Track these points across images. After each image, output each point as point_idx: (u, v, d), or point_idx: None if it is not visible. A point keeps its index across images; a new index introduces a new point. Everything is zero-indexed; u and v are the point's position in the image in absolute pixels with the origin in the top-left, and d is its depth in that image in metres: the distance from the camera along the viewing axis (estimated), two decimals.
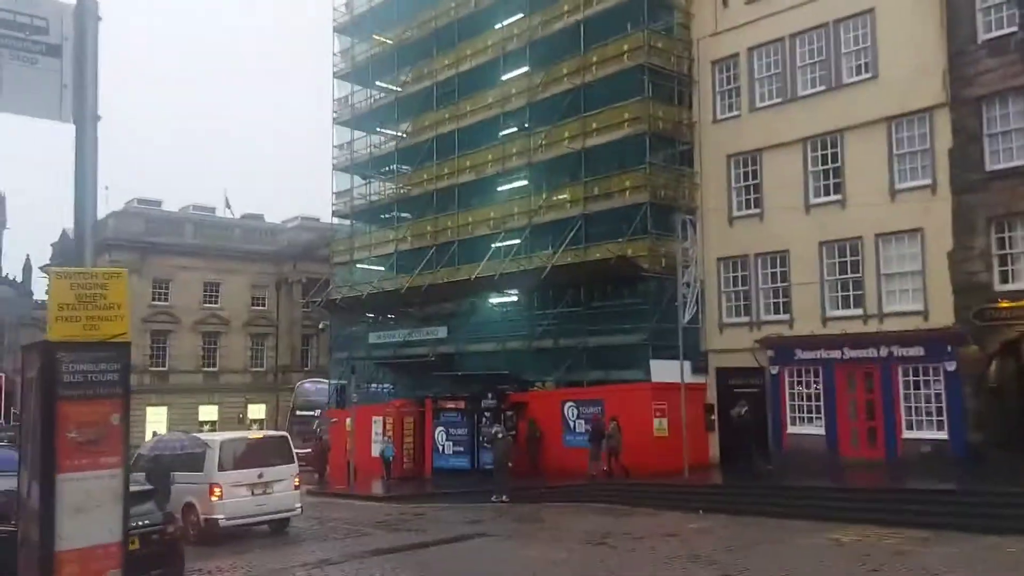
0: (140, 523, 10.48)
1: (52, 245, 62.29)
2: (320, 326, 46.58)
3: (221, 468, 16.18)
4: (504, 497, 21.17)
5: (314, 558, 14.12)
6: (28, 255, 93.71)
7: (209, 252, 54.57)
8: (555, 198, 28.60)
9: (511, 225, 29.67)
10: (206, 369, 55.17)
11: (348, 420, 26.44)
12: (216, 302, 55.63)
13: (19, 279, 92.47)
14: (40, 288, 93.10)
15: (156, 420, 52.26)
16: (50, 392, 5.62)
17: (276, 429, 49.54)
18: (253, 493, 16.39)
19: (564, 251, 26.90)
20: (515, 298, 30.34)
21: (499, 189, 31.14)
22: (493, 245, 29.80)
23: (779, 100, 24.46)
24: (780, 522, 15.97)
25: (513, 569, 13.11)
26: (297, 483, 17.40)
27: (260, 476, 16.63)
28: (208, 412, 54.25)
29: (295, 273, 57.49)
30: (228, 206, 62.99)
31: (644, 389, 23.87)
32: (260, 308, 57.59)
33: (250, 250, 56.77)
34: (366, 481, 27.42)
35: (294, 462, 17.56)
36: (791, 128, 23.83)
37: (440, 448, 27.38)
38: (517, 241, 29.42)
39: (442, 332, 31.43)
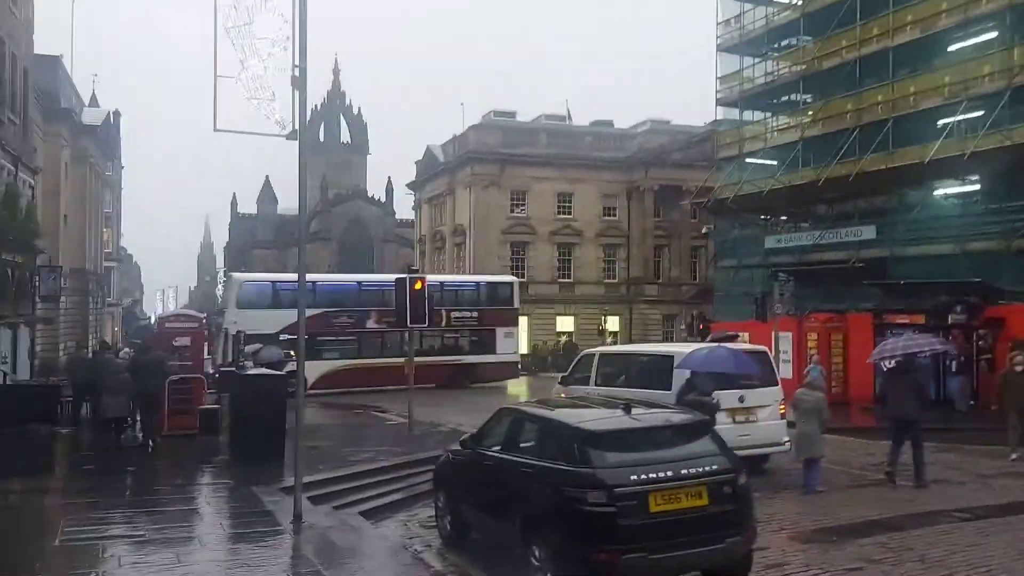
0: (703, 468, 7.21)
1: (416, 163, 65.08)
2: (703, 230, 42.84)
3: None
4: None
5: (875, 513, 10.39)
6: (389, 177, 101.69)
7: (561, 161, 53.14)
8: None
9: (976, 91, 22.98)
10: (561, 280, 54.47)
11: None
12: (569, 212, 54.35)
13: (382, 199, 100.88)
14: (401, 207, 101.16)
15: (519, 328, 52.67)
16: None
17: (630, 342, 47.43)
18: (735, 421, 12.98)
19: None
20: (977, 186, 23.78)
21: (953, 48, 24.37)
22: (940, 121, 23.45)
23: None
24: None
25: None
26: (782, 410, 13.70)
27: (741, 400, 13.15)
28: (564, 323, 53.73)
29: (646, 181, 54.20)
30: (569, 117, 61.31)
31: None
32: (611, 218, 55.39)
33: (600, 158, 54.47)
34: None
35: (778, 383, 13.87)
36: None
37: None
38: (979, 113, 22.79)
39: (868, 232, 25.92)
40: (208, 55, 8.29)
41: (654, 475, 7.00)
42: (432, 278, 48.26)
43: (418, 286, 18.81)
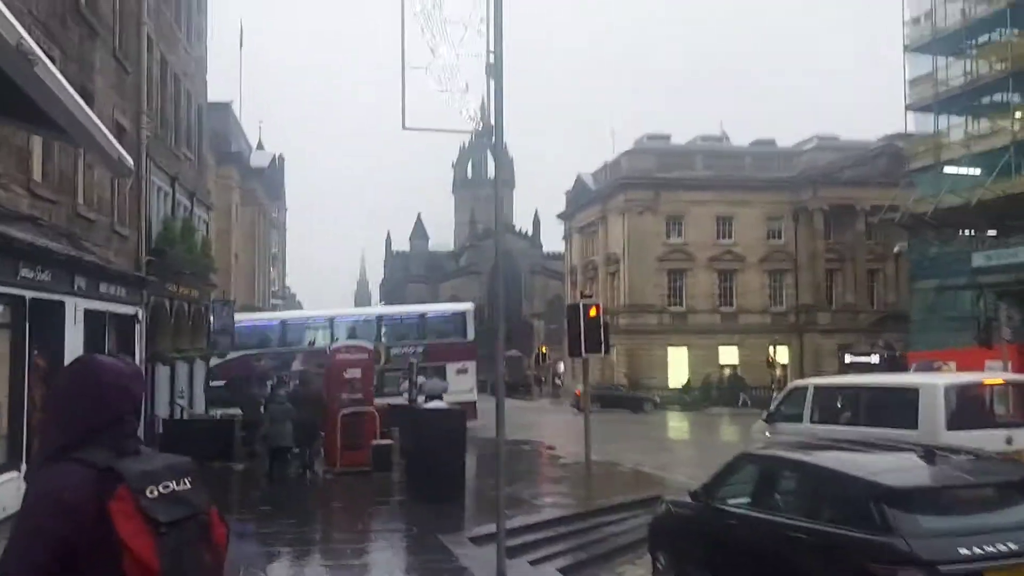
0: None
1: (566, 193, 64.25)
2: (896, 249, 39.26)
3: (950, 425, 10.64)
4: None
5: None
6: (536, 209, 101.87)
7: (720, 184, 50.75)
8: None
9: None
10: (723, 309, 51.68)
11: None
12: (730, 236, 51.71)
13: (529, 232, 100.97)
14: (548, 239, 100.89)
15: (677, 361, 50.37)
16: None
17: (802, 376, 43.85)
18: None
19: None
20: None
21: None
22: None
23: None
24: None
25: None
26: None
27: (1009, 441, 10.76)
28: (728, 354, 50.78)
29: (814, 200, 50.71)
30: (725, 138, 58.64)
31: None
32: (776, 241, 52.22)
33: (763, 179, 51.60)
34: None
35: None
36: None
37: None
38: None
39: None
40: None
41: (992, 548, 5.15)
42: (367, 311, 46.36)
43: (593, 313, 17.47)
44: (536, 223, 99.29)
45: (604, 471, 17.07)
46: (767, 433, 14.24)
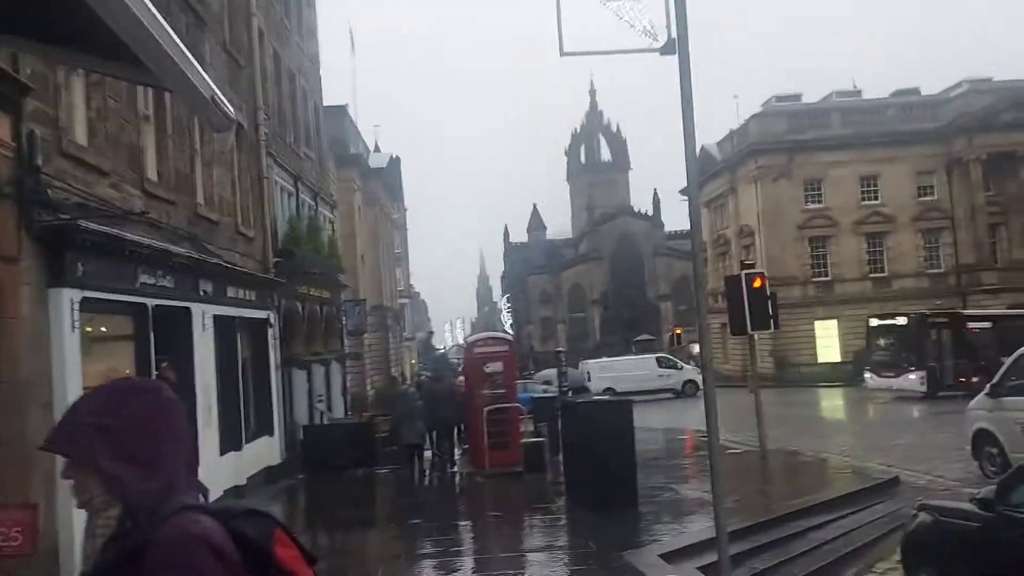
0: None
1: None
2: None
3: None
4: None
5: None
6: (655, 189, 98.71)
7: (861, 141, 46.72)
8: None
9: None
10: (873, 275, 47.73)
11: None
12: (876, 197, 47.67)
13: (649, 212, 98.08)
14: (671, 218, 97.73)
15: (826, 335, 46.94)
16: None
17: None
18: None
19: None
20: None
21: None
22: None
23: None
24: None
25: None
26: None
27: None
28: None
29: (970, 150, 45.94)
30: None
31: None
32: (929, 198, 47.75)
33: (909, 131, 47.12)
34: None
35: None
36: None
37: None
38: None
39: None
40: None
41: None
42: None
43: (757, 284, 15.49)
44: (656, 202, 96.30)
45: (783, 462, 15.11)
46: (991, 410, 11.96)
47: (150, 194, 10.22)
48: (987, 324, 32.37)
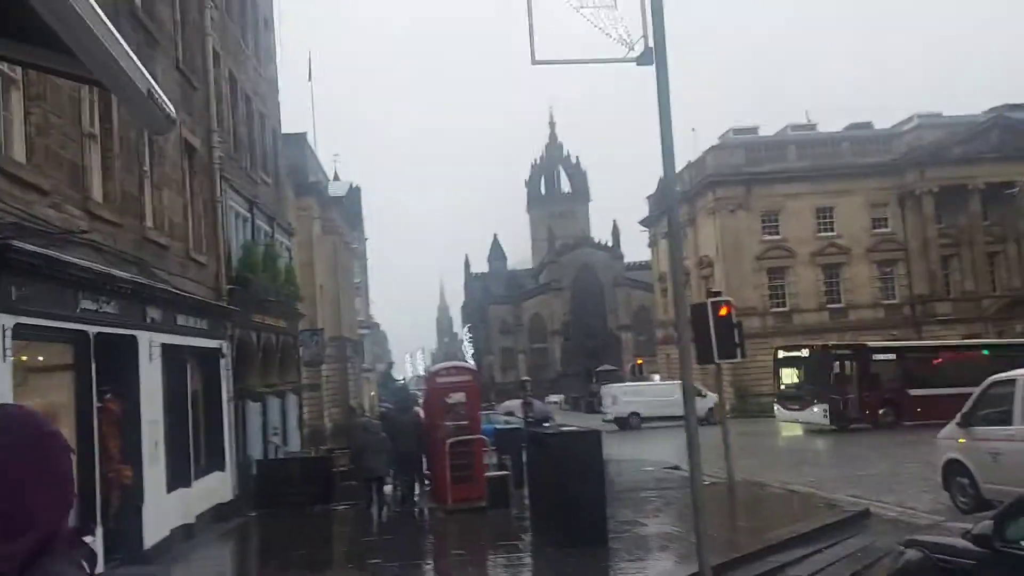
0: None
1: (648, 198, 61.87)
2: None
3: None
4: None
5: None
6: (615, 220, 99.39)
7: (817, 174, 47.58)
8: None
9: None
10: (830, 306, 48.31)
11: None
12: (831, 229, 48.43)
13: (609, 243, 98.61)
14: (631, 249, 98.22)
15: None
16: None
17: None
18: None
19: None
20: None
21: None
22: None
23: None
24: None
25: None
26: None
27: None
28: None
29: (922, 183, 46.99)
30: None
31: None
32: (883, 230, 48.63)
33: (863, 164, 48.15)
34: None
35: None
36: None
37: None
38: None
39: None
40: None
41: None
42: None
43: (724, 312, 15.30)
44: (615, 233, 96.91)
45: (751, 494, 14.83)
46: (961, 440, 11.83)
47: (94, 215, 9.65)
48: (892, 356, 32.59)
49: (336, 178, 59.66)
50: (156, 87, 3.66)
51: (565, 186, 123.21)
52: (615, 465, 19.26)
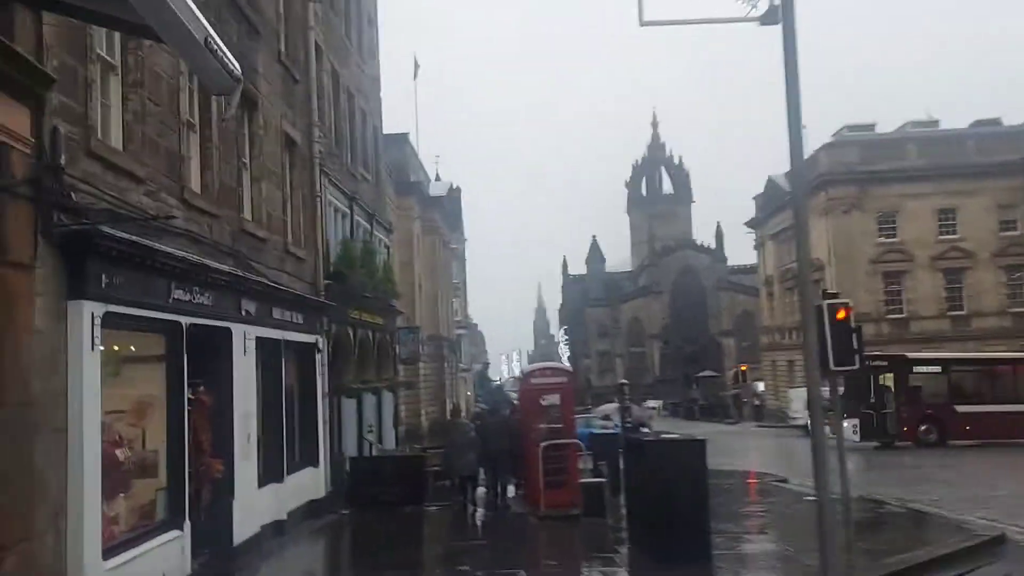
0: None
1: (755, 198, 59.74)
2: None
3: None
4: None
5: None
6: (718, 222, 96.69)
7: (939, 173, 44.73)
8: None
9: None
10: (952, 313, 45.35)
11: None
12: (954, 232, 45.44)
13: (712, 246, 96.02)
14: (734, 252, 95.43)
15: None
16: None
17: None
18: None
19: None
20: None
21: None
22: None
23: None
24: None
25: None
26: None
27: None
28: None
29: None
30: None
31: None
32: (1012, 233, 45.29)
33: (990, 163, 44.92)
34: None
35: None
36: None
37: None
38: None
39: None
40: None
41: None
42: None
43: (841, 315, 14.18)
44: (719, 235, 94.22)
45: (867, 512, 13.67)
46: None
47: (191, 205, 9.60)
48: (936, 368, 29.71)
49: (437, 179, 60.20)
50: (215, 36, 3.26)
51: (667, 187, 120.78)
52: (718, 477, 18.31)
